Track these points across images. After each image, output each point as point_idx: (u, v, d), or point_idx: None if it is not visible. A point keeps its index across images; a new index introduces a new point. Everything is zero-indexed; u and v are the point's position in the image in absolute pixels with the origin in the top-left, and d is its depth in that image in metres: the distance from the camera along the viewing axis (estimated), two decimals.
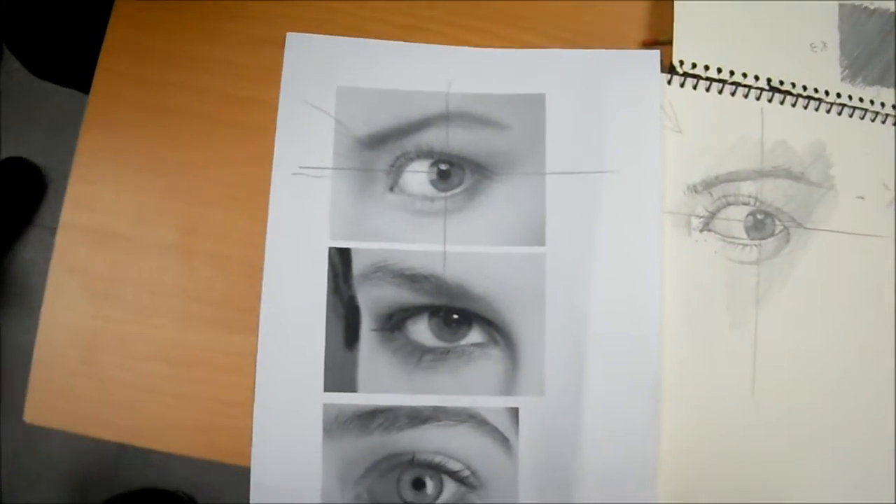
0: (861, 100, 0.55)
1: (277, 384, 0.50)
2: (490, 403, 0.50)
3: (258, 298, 0.50)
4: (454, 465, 0.50)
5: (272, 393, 0.50)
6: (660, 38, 0.55)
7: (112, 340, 0.50)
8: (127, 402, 0.50)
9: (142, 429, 0.50)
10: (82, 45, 0.82)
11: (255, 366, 0.50)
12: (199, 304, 0.51)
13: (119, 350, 0.50)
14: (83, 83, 0.92)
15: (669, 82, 0.53)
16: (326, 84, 0.52)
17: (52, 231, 0.51)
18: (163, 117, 0.52)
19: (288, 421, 0.50)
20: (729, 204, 0.52)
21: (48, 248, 0.50)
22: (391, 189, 0.52)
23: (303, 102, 0.52)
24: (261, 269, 0.50)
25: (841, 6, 0.56)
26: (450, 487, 0.50)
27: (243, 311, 0.50)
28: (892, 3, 0.56)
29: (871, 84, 0.55)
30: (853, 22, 0.55)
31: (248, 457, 0.49)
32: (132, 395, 0.50)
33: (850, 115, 0.54)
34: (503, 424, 0.50)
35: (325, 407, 0.50)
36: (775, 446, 0.51)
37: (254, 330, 0.50)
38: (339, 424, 0.50)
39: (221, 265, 0.51)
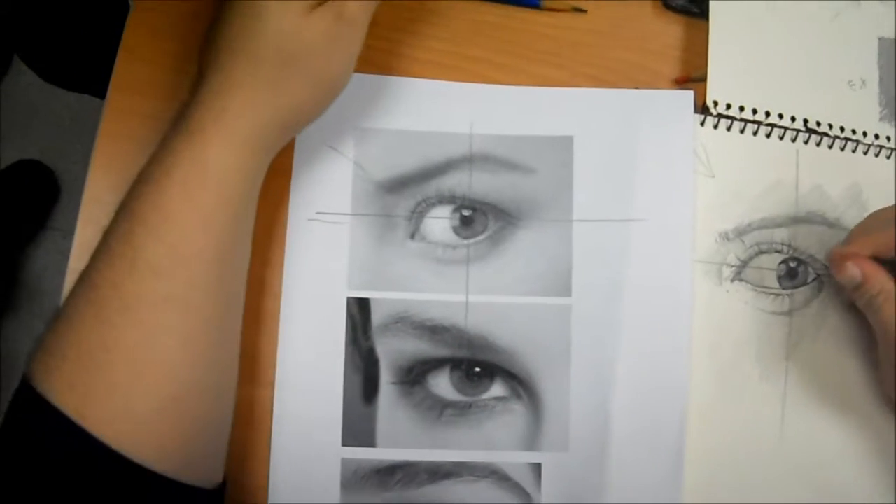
0: None
1: (294, 438, 0.48)
2: (512, 459, 0.49)
3: (274, 349, 0.49)
4: None
5: (289, 447, 0.48)
6: (692, 75, 0.52)
7: None
8: None
9: None
10: (91, 51, 0.81)
11: (271, 419, 0.48)
12: None
13: None
14: (93, 88, 0.90)
15: (702, 123, 0.51)
16: (344, 124, 0.50)
17: (65, 234, 0.50)
18: None
19: (305, 476, 0.48)
20: (762, 252, 0.51)
21: (60, 251, 0.49)
22: (412, 236, 0.50)
23: (320, 144, 0.50)
24: (277, 319, 0.49)
25: (880, 41, 0.53)
26: None
27: (259, 362, 0.49)
28: None
29: None
30: (892, 57, 0.53)
31: None
32: None
33: (888, 157, 0.52)
34: (525, 480, 0.49)
35: (344, 462, 0.48)
36: (803, 499, 0.50)
37: (270, 382, 0.49)
38: (358, 480, 0.48)
39: None
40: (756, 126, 0.51)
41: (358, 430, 0.48)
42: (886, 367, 0.48)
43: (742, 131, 0.51)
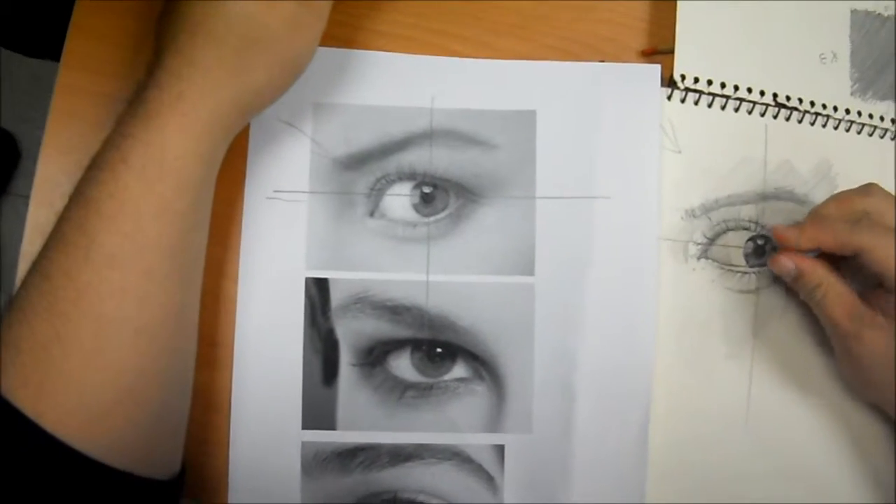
0: (871, 116, 0.51)
1: (254, 422, 0.48)
2: (475, 441, 0.48)
3: (232, 332, 0.48)
4: None
5: (248, 431, 0.47)
6: (659, 47, 0.51)
7: None
8: None
9: None
10: (50, 17, 0.78)
11: (230, 403, 0.47)
12: None
13: None
14: (53, 53, 0.88)
15: (669, 97, 0.50)
16: (301, 99, 0.49)
17: (26, 199, 0.48)
18: None
19: (265, 459, 0.48)
20: (728, 229, 0.50)
21: (22, 216, 0.47)
22: (371, 214, 0.49)
23: (276, 120, 0.49)
24: (235, 301, 0.48)
25: (853, 12, 0.52)
26: None
27: (216, 345, 0.48)
28: None
29: (882, 98, 0.52)
30: (865, 30, 0.52)
31: (226, 496, 0.47)
32: None
33: (859, 132, 0.51)
34: (488, 462, 0.48)
35: (304, 445, 0.48)
36: (768, 478, 0.49)
37: (228, 365, 0.48)
38: (319, 463, 0.48)
39: None
40: (724, 100, 0.50)
41: (318, 412, 0.48)
42: (838, 356, 0.47)
43: (710, 105, 0.50)
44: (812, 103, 0.51)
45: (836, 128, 0.51)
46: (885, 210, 0.45)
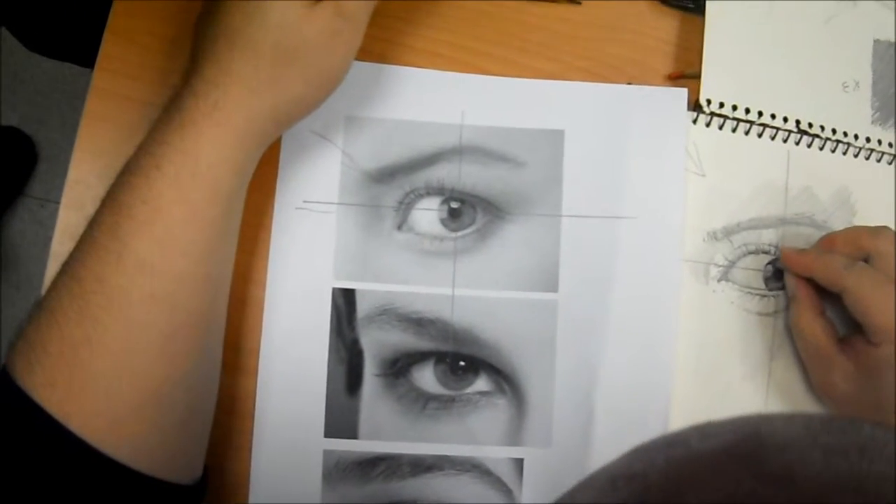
0: (890, 144, 0.53)
1: (277, 428, 0.48)
2: (494, 454, 0.49)
3: (258, 339, 0.48)
4: None
5: (271, 437, 0.48)
6: (686, 72, 0.52)
7: None
8: None
9: None
10: (78, 20, 0.79)
11: (253, 409, 0.48)
12: None
13: None
14: (77, 56, 0.88)
15: (695, 121, 0.51)
16: (333, 112, 0.49)
17: (42, 202, 0.48)
18: None
19: (287, 466, 0.48)
20: (749, 252, 0.51)
21: (37, 219, 0.48)
22: (399, 227, 0.49)
23: (307, 132, 0.49)
24: (262, 308, 0.48)
25: (875, 42, 0.53)
26: None
27: (243, 352, 0.48)
28: None
29: None
30: (887, 60, 0.53)
31: (247, 501, 0.48)
32: None
33: (878, 160, 0.52)
34: (507, 475, 0.49)
35: (326, 453, 0.48)
36: None
37: (253, 371, 0.48)
38: (340, 471, 0.48)
39: None
40: (748, 126, 0.51)
41: (341, 421, 0.48)
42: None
43: (734, 130, 0.51)
44: (833, 131, 0.52)
45: (856, 155, 0.52)
46: (888, 256, 0.46)
